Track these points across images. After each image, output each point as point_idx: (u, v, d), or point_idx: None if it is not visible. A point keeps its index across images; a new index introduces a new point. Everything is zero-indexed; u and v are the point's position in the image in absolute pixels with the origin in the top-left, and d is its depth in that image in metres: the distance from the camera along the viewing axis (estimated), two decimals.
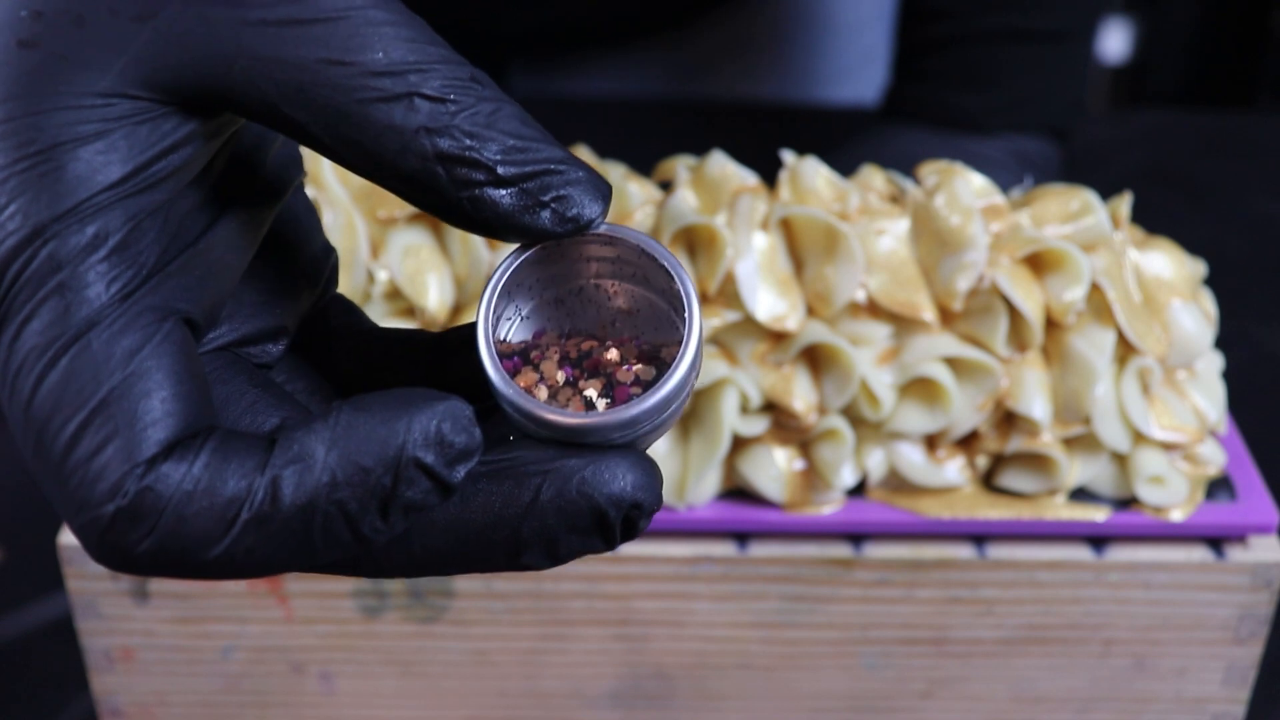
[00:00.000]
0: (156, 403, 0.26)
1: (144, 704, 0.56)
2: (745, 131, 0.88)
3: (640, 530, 0.28)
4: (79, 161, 0.26)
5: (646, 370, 0.29)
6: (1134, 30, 2.03)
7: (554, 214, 0.28)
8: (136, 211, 0.27)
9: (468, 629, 0.54)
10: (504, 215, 0.28)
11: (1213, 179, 0.94)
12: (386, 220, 0.54)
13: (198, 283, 0.28)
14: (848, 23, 0.95)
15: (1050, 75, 0.78)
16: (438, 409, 0.27)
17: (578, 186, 0.28)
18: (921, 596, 0.53)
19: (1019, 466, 0.53)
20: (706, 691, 0.55)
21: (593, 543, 0.28)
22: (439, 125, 0.27)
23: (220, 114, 0.28)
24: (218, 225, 0.29)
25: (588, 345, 0.30)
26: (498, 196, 0.28)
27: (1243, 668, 0.55)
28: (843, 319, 0.53)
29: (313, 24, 0.27)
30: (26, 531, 0.66)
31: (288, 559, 0.27)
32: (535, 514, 0.28)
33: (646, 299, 0.30)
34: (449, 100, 0.27)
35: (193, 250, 0.28)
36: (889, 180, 0.57)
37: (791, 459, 0.53)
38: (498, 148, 0.27)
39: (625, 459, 0.28)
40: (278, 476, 0.26)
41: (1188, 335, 0.54)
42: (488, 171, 0.27)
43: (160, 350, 0.27)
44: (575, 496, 0.28)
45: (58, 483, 0.26)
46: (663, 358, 0.29)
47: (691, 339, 0.28)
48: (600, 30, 0.93)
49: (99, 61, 0.27)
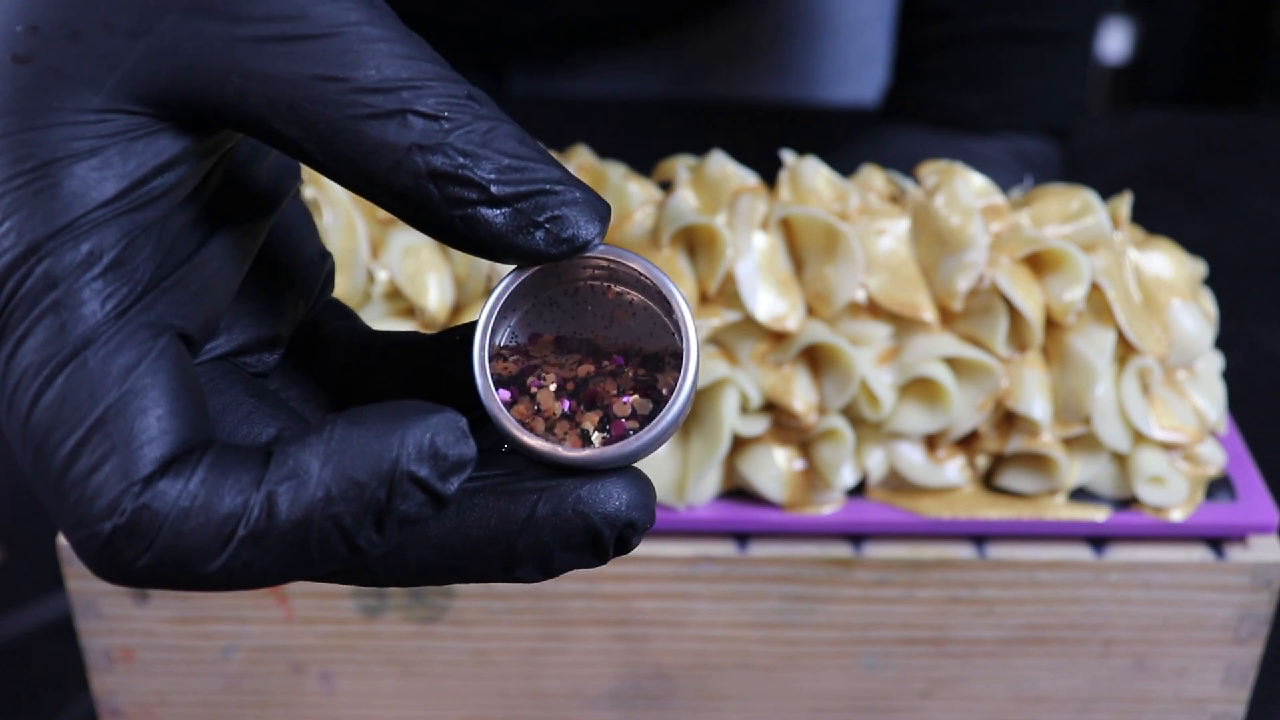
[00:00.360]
0: (152, 420, 0.26)
1: (144, 704, 0.56)
2: (745, 131, 0.88)
3: (633, 547, 0.29)
4: (74, 178, 0.26)
5: (643, 404, 0.29)
6: (1134, 30, 2.03)
7: (548, 234, 0.28)
8: (131, 228, 0.27)
9: (468, 629, 0.54)
10: (497, 235, 0.28)
11: (1213, 179, 0.94)
12: (386, 220, 0.54)
13: (193, 298, 0.28)
14: (847, 23, 0.95)
15: (1050, 75, 0.78)
16: (431, 422, 0.27)
17: (574, 207, 0.28)
18: (921, 596, 0.53)
19: (1019, 466, 0.53)
20: (706, 691, 0.55)
21: (586, 559, 0.28)
22: (432, 143, 0.27)
23: (216, 130, 0.28)
24: (212, 240, 0.29)
25: (584, 371, 0.29)
26: (491, 216, 0.27)
27: (1243, 668, 0.55)
28: (843, 319, 0.53)
29: (306, 40, 0.27)
30: (26, 531, 0.66)
31: (284, 572, 0.27)
32: (530, 530, 0.28)
33: (644, 305, 0.30)
34: (443, 118, 0.27)
35: (188, 266, 0.28)
36: (889, 180, 0.57)
37: (791, 459, 0.53)
38: (492, 166, 0.27)
39: (621, 478, 0.28)
40: (273, 492, 0.26)
41: (1188, 335, 0.54)
42: (481, 190, 0.27)
43: (156, 367, 0.27)
44: (571, 515, 0.28)
45: (56, 498, 0.26)
46: (659, 387, 0.29)
47: (688, 373, 0.29)
48: (600, 31, 0.93)
49: (94, 77, 0.27)
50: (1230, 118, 1.08)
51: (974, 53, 0.77)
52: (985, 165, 0.72)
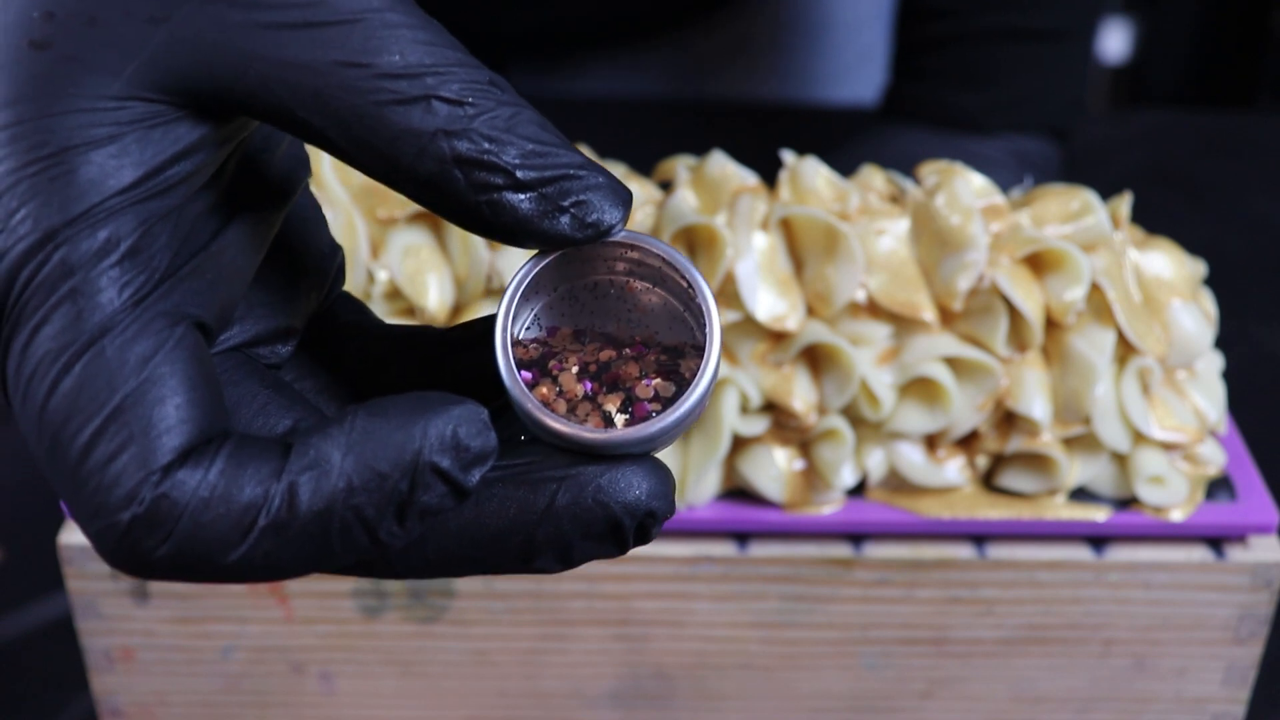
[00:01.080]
0: (171, 409, 0.26)
1: (144, 704, 0.56)
2: (745, 131, 0.88)
3: (653, 537, 0.28)
4: (91, 165, 0.26)
5: (665, 386, 0.29)
6: (1134, 30, 2.03)
7: (573, 219, 0.28)
8: (148, 216, 0.27)
9: (468, 629, 0.54)
10: (523, 220, 0.28)
11: (1213, 179, 0.94)
12: (386, 220, 0.54)
13: (209, 287, 0.28)
14: (846, 22, 0.96)
15: (1050, 75, 0.78)
16: (453, 413, 0.27)
17: (598, 192, 0.28)
18: (921, 596, 0.53)
19: (1019, 466, 0.53)
20: (706, 691, 0.55)
21: (606, 549, 0.28)
22: (457, 128, 0.27)
23: (234, 118, 0.28)
24: (229, 228, 0.29)
25: (606, 355, 0.29)
26: (516, 201, 0.27)
27: (1243, 668, 0.55)
28: (843, 319, 0.53)
29: (328, 26, 0.27)
30: (26, 531, 0.66)
31: (305, 563, 0.27)
32: (550, 520, 0.28)
33: (664, 300, 0.30)
34: (467, 103, 0.27)
35: (204, 254, 0.28)
36: (889, 180, 0.57)
37: (791, 459, 0.53)
38: (516, 151, 0.27)
39: (641, 467, 0.28)
40: (294, 482, 0.26)
41: (1188, 335, 0.54)
42: (506, 175, 0.27)
43: (173, 356, 0.27)
44: (591, 504, 0.28)
45: (72, 489, 0.26)
46: (681, 371, 0.29)
47: (712, 356, 0.28)
48: (600, 31, 0.93)
49: (111, 64, 0.27)
50: (1230, 118, 1.08)
51: (973, 52, 0.77)
52: (985, 165, 0.72)
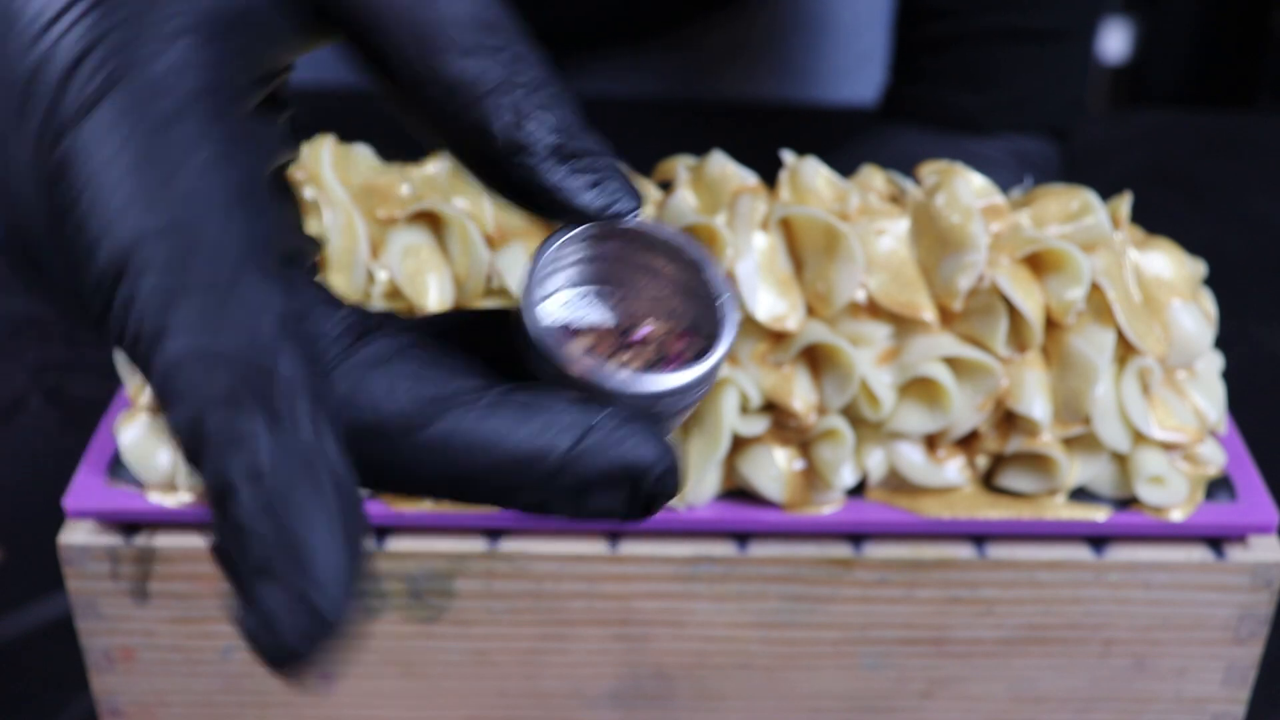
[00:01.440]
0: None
1: (144, 704, 0.56)
2: (745, 131, 0.88)
3: (656, 510, 0.30)
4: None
5: (695, 343, 0.30)
6: (1134, 30, 2.03)
7: (600, 194, 0.30)
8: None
9: (468, 629, 0.54)
10: (551, 189, 0.29)
11: (1213, 179, 0.94)
12: (386, 220, 0.54)
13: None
14: (846, 22, 0.96)
15: (1050, 75, 0.78)
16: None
17: (621, 180, 0.30)
18: (921, 596, 0.53)
19: (1019, 466, 0.53)
20: (706, 691, 0.55)
21: (617, 503, 0.29)
22: (507, 91, 0.29)
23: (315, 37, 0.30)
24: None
25: (633, 316, 0.31)
26: (548, 168, 0.29)
27: (1243, 668, 0.55)
28: (843, 319, 0.53)
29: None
30: (26, 531, 0.66)
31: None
32: (572, 460, 0.29)
33: (680, 276, 0.31)
34: (519, 71, 0.29)
35: None
36: (889, 180, 0.57)
37: (791, 459, 0.53)
38: (556, 123, 0.29)
39: (660, 444, 0.29)
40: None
41: (1188, 335, 0.54)
42: (543, 144, 0.29)
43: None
44: (615, 455, 0.29)
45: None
46: (702, 334, 0.31)
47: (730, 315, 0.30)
48: (600, 31, 0.93)
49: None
50: (1230, 118, 1.08)
51: (973, 52, 0.77)
52: (985, 165, 0.72)
